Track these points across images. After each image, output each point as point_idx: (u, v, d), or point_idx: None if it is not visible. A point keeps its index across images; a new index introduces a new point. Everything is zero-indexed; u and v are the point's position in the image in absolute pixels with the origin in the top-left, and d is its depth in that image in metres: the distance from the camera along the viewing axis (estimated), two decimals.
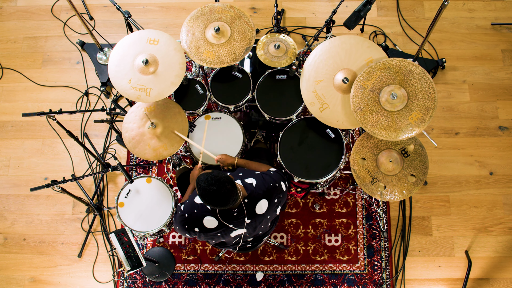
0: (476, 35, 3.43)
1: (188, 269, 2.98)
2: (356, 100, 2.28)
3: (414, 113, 2.23)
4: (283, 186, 2.05)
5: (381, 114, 2.25)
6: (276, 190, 2.01)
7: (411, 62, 2.26)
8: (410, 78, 2.25)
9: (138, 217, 2.53)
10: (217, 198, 1.75)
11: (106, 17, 3.60)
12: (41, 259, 3.05)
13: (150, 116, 2.50)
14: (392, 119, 2.24)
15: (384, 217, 3.02)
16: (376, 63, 2.28)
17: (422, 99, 2.23)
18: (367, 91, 2.27)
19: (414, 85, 2.24)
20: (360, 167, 2.45)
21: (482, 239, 2.99)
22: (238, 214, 1.91)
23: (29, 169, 3.24)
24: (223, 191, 1.75)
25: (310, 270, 2.95)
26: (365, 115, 2.26)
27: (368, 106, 2.26)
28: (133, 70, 2.38)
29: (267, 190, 1.97)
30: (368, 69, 2.28)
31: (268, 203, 1.97)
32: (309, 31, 3.50)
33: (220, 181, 1.75)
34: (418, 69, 2.25)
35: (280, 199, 2.03)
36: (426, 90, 2.23)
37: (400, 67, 2.26)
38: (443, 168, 3.13)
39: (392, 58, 2.28)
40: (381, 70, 2.27)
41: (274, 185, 2.00)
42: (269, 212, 1.99)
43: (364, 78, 2.28)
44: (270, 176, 2.04)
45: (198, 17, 2.53)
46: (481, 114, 3.23)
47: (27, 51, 3.52)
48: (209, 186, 1.74)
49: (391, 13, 3.52)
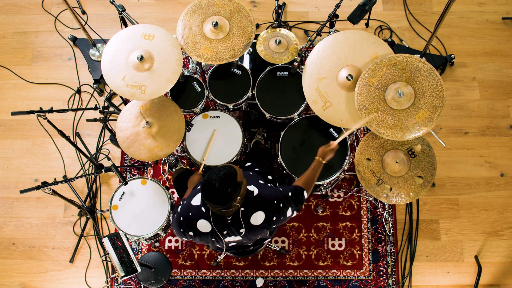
0: (486, 30, 3.43)
1: (185, 275, 2.98)
2: (360, 98, 2.28)
3: (421, 112, 2.23)
4: (289, 213, 1.98)
5: (387, 112, 2.25)
6: (278, 210, 1.94)
7: (418, 58, 2.26)
8: (417, 75, 2.25)
9: (133, 221, 2.53)
10: (214, 194, 1.71)
11: (99, 11, 3.60)
12: (31, 264, 3.05)
13: (145, 114, 2.50)
14: (398, 118, 2.24)
15: (390, 220, 3.02)
16: (382, 59, 2.28)
17: (430, 97, 2.23)
18: (373, 89, 2.27)
19: (421, 83, 2.24)
20: (365, 168, 2.45)
21: (492, 243, 2.99)
22: (232, 222, 1.88)
23: (18, 170, 3.24)
24: (224, 190, 1.71)
25: (312, 276, 2.95)
26: (371, 114, 2.26)
27: (373, 104, 2.26)
28: (128, 67, 2.38)
29: (267, 205, 1.92)
30: (374, 66, 2.28)
31: (265, 217, 1.91)
32: (312, 26, 3.50)
33: (230, 177, 1.72)
34: (426, 65, 2.24)
35: (280, 220, 1.97)
36: (434, 88, 2.23)
37: (407, 64, 2.26)
38: (451, 169, 3.13)
39: (398, 54, 2.28)
40: (387, 67, 2.27)
41: (278, 204, 1.94)
42: (265, 225, 1.93)
43: (369, 75, 2.28)
44: (284, 194, 1.96)
45: (196, 11, 2.53)
46: (492, 112, 3.24)
47: (17, 47, 3.52)
48: (214, 178, 1.71)
49: (398, 7, 3.52)
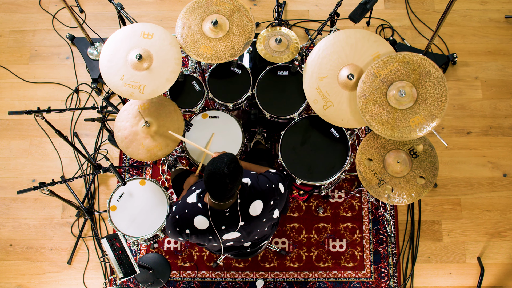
0: (489, 28, 3.43)
1: (184, 277, 2.98)
2: (364, 86, 2.27)
3: (417, 117, 2.22)
4: (281, 188, 2.04)
5: (384, 108, 2.25)
6: (272, 192, 2.00)
7: (433, 63, 2.23)
8: (425, 79, 2.24)
9: (131, 222, 2.53)
10: (224, 180, 1.73)
11: (97, 10, 3.60)
12: (28, 265, 3.05)
13: (144, 114, 2.50)
14: (393, 116, 2.24)
15: (392, 221, 3.02)
16: (397, 54, 2.27)
17: (430, 105, 2.22)
18: (378, 81, 2.26)
19: (427, 88, 2.23)
20: (366, 169, 2.45)
21: (495, 244, 2.99)
22: (231, 215, 1.90)
23: (15, 171, 3.24)
24: (234, 174, 1.74)
25: (313, 277, 2.95)
26: (368, 104, 2.25)
27: (373, 95, 2.26)
28: (126, 66, 2.38)
29: (262, 191, 1.96)
30: (387, 58, 2.27)
31: (263, 205, 1.96)
32: (312, 25, 3.50)
33: (235, 160, 1.77)
34: (438, 73, 2.23)
35: (277, 201, 2.02)
36: (437, 97, 2.22)
37: (419, 65, 2.25)
38: (454, 169, 3.13)
39: (414, 54, 2.26)
40: (399, 63, 2.26)
41: (270, 186, 2.00)
42: (264, 214, 1.98)
43: (379, 67, 2.27)
44: (267, 176, 2.04)
45: (195, 10, 2.53)
46: (495, 112, 3.23)
47: (14, 46, 3.52)
48: (220, 166, 1.73)
49: (399, 6, 3.52)
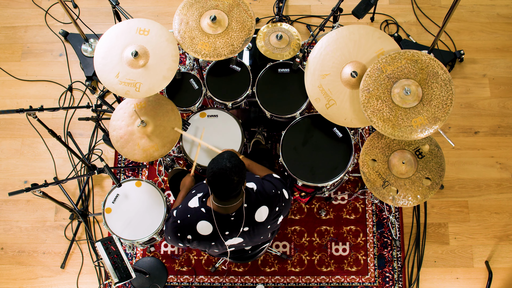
0: (497, 24, 3.43)
1: (182, 281, 2.98)
2: (368, 80, 2.27)
3: (420, 118, 2.23)
4: (286, 194, 2.05)
5: (386, 104, 2.25)
6: (278, 198, 2.00)
7: (442, 65, 2.24)
8: (432, 80, 2.24)
9: (127, 224, 2.53)
10: (228, 176, 1.73)
11: (91, 5, 3.60)
12: (20, 270, 3.05)
13: (140, 113, 2.49)
14: (395, 114, 2.24)
15: (397, 224, 3.02)
16: (406, 52, 2.28)
17: (434, 107, 2.22)
18: (384, 76, 2.26)
19: (433, 90, 2.24)
20: (370, 170, 2.45)
21: (504, 248, 2.99)
22: (236, 220, 1.91)
23: (7, 172, 3.23)
24: (237, 168, 1.74)
25: (315, 282, 2.95)
26: (370, 99, 2.25)
27: (377, 90, 2.26)
28: (121, 63, 2.38)
29: (268, 197, 1.97)
30: (395, 54, 2.28)
31: (269, 211, 1.97)
32: (314, 20, 3.50)
33: (235, 156, 1.78)
34: (446, 75, 2.23)
35: (282, 207, 2.03)
36: (443, 100, 2.22)
37: (427, 65, 2.25)
38: (461, 170, 3.13)
39: (423, 53, 2.26)
40: (407, 60, 2.27)
41: (276, 192, 2.00)
42: (269, 221, 1.99)
43: (387, 62, 2.27)
44: (271, 182, 2.05)
45: (193, 5, 2.53)
46: (503, 111, 3.23)
47: (5, 42, 3.52)
48: (221, 162, 1.73)
49: (404, 1, 3.52)
